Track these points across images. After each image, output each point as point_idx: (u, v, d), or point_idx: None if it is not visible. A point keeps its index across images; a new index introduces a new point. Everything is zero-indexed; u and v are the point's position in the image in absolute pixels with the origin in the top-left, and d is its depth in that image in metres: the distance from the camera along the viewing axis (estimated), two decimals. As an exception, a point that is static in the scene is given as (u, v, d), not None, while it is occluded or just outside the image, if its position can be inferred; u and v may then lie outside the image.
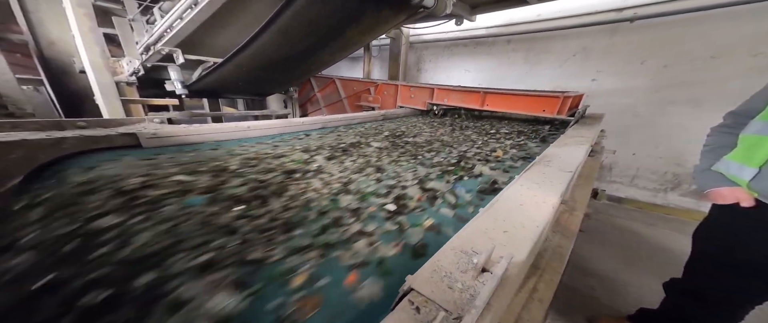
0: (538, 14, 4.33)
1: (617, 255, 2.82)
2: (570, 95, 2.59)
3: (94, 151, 1.27)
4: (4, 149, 1.03)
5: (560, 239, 1.43)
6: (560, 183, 1.01)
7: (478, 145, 2.12)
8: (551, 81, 4.44)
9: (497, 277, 0.48)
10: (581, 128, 2.19)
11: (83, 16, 2.53)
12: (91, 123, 1.37)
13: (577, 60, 4.16)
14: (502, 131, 2.57)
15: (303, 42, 2.52)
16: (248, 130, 1.94)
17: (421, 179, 1.37)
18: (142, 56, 2.98)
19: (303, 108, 5.54)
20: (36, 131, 1.19)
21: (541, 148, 2.10)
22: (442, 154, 1.86)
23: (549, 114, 2.58)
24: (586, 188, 2.24)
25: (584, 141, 1.73)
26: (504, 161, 1.76)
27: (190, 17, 2.38)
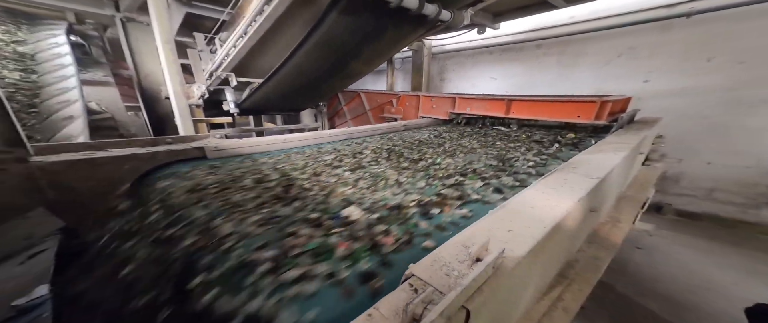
0: (571, 16, 4.13)
1: (685, 276, 2.46)
2: (610, 98, 2.41)
3: (176, 161, 1.61)
4: (120, 162, 1.39)
5: (597, 251, 1.37)
6: (580, 189, 0.99)
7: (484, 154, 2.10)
8: (592, 84, 4.13)
9: (485, 264, 0.54)
10: (625, 134, 2.03)
11: (169, 51, 3.15)
12: (175, 140, 1.75)
13: (623, 61, 3.82)
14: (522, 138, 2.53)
15: (330, 59, 2.80)
16: (285, 142, 2.25)
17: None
18: (207, 81, 3.56)
19: (331, 121, 5.92)
20: (139, 147, 1.57)
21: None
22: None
23: (584, 120, 2.42)
24: (636, 200, 2.06)
25: (623, 148, 1.62)
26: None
27: (241, 45, 2.81)
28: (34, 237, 1.25)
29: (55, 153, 1.40)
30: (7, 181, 1.27)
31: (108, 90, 4.42)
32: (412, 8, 2.09)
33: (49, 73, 3.66)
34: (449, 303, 0.47)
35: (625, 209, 1.86)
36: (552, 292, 1.05)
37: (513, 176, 1.53)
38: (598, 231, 1.54)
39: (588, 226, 1.26)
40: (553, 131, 2.72)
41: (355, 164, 1.77)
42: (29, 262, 1.15)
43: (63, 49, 4.05)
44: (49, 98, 3.33)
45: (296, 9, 2.28)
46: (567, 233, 0.97)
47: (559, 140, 2.31)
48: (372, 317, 0.50)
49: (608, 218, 1.70)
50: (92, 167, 1.44)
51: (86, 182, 1.43)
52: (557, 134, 2.56)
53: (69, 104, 3.30)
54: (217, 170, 1.56)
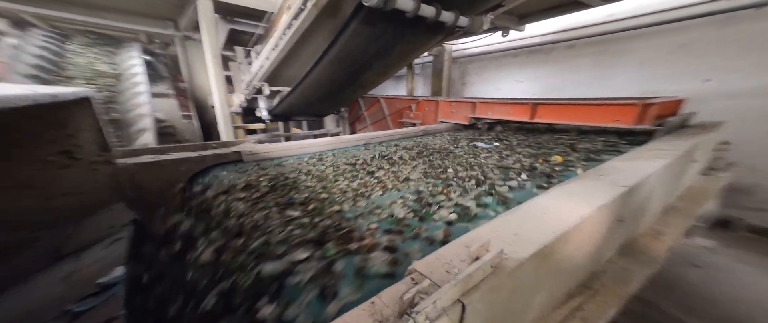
0: (610, 15, 3.83)
1: (749, 300, 2.13)
2: (656, 100, 2.20)
3: (219, 164, 1.85)
4: (178, 164, 1.66)
5: (629, 264, 1.29)
6: (602, 197, 0.96)
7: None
8: (637, 85, 3.76)
9: (482, 262, 0.58)
10: (672, 140, 1.86)
11: (215, 65, 3.59)
12: (219, 145, 2.02)
13: (675, 59, 3.44)
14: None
15: (350, 67, 2.94)
16: (309, 147, 2.45)
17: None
18: (245, 91, 3.95)
19: (352, 126, 6.11)
20: (192, 151, 1.84)
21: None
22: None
23: (623, 124, 2.23)
24: (688, 212, 1.87)
25: (666, 154, 1.49)
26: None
27: (273, 56, 3.09)
28: (115, 227, 1.53)
29: (132, 157, 1.70)
30: (99, 180, 1.57)
31: (169, 101, 5.12)
32: (429, 17, 2.14)
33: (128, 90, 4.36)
34: (443, 294, 0.53)
35: (672, 222, 1.69)
36: (571, 301, 1.02)
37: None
38: (634, 243, 1.44)
39: (617, 236, 1.19)
40: (589, 137, 2.55)
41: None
42: (111, 247, 1.41)
43: (138, 68, 4.80)
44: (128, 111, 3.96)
45: (320, 22, 2.47)
46: (585, 241, 0.95)
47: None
48: (375, 304, 0.57)
49: (648, 230, 1.57)
50: (158, 169, 1.72)
51: (153, 181, 1.71)
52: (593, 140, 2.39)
53: (143, 117, 3.90)
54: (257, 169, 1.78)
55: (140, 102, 4.10)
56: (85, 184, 1.58)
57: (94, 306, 0.99)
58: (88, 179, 1.59)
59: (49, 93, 1.19)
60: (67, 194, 1.53)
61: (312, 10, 2.28)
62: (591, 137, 2.48)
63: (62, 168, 1.52)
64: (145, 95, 4.24)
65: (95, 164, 1.61)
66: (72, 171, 1.53)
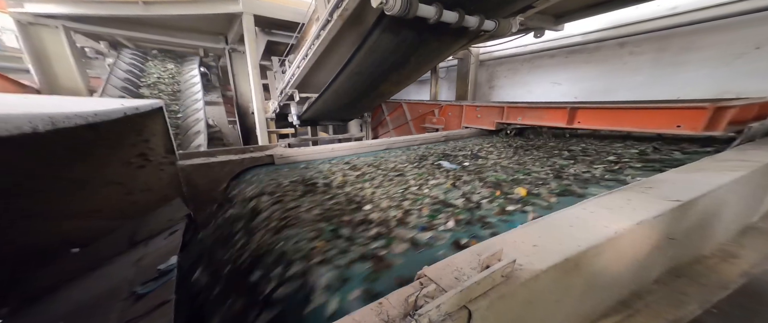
0: (672, 7, 3.35)
1: None
2: (733, 103, 1.88)
3: (255, 167, 2.05)
4: (222, 166, 1.88)
5: (685, 286, 1.14)
6: (645, 211, 0.87)
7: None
8: (712, 86, 3.22)
9: (491, 270, 0.57)
10: (752, 150, 1.58)
11: (255, 74, 3.97)
12: (255, 149, 2.23)
13: (762, 55, 2.89)
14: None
15: (374, 74, 3.00)
16: (332, 151, 2.56)
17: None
18: (279, 98, 4.28)
19: (375, 131, 6.15)
20: (233, 155, 2.06)
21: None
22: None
23: (687, 131, 1.92)
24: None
25: (740, 166, 1.28)
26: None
27: (303, 65, 3.31)
28: (173, 220, 1.77)
29: (188, 159, 1.96)
30: (164, 179, 1.84)
31: (218, 109, 5.77)
32: (452, 22, 2.11)
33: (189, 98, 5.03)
34: (447, 299, 0.53)
35: (751, 244, 1.43)
36: (605, 320, 0.92)
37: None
38: (695, 264, 1.25)
39: (667, 256, 1.05)
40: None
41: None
42: (169, 238, 1.64)
43: (196, 79, 5.52)
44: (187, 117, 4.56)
45: (345, 32, 2.58)
46: (622, 257, 0.86)
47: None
48: (382, 305, 0.59)
49: (716, 251, 1.35)
50: (207, 170, 1.96)
51: (203, 181, 1.95)
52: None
53: (198, 121, 4.45)
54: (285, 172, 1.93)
55: (197, 109, 4.70)
56: (154, 182, 1.86)
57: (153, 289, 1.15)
58: (156, 178, 1.88)
59: (133, 105, 1.44)
60: (142, 190, 1.82)
61: (337, 21, 2.41)
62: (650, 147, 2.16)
63: (139, 168, 1.81)
64: (201, 102, 4.84)
65: (162, 165, 1.89)
66: (146, 171, 1.82)
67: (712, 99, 2.07)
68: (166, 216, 1.79)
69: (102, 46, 5.79)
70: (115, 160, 1.70)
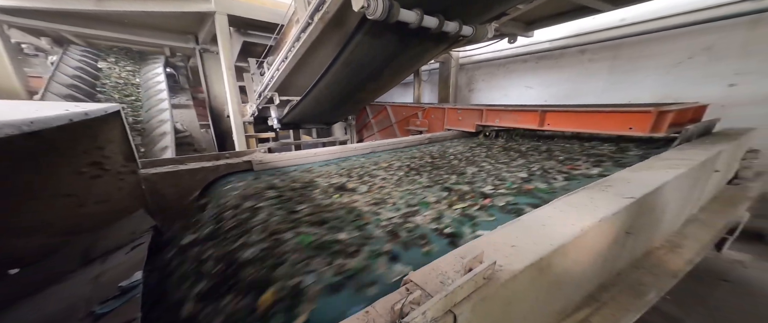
0: (622, 18, 3.74)
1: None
2: (672, 107, 2.13)
3: (231, 173, 1.95)
4: (194, 173, 1.76)
5: (643, 276, 1.25)
6: (606, 209, 0.95)
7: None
8: (658, 91, 3.62)
9: (473, 273, 0.60)
10: (690, 149, 1.79)
11: (230, 76, 3.78)
12: (231, 155, 2.11)
13: (697, 63, 3.30)
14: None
15: (357, 77, 3.02)
16: (315, 156, 2.51)
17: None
18: (257, 101, 4.12)
19: (359, 134, 6.15)
20: (207, 161, 1.94)
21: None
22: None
23: (638, 132, 2.16)
24: (711, 224, 1.79)
25: (682, 164, 1.44)
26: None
27: (283, 67, 3.22)
28: (136, 233, 1.63)
29: (153, 167, 1.81)
30: (124, 188, 1.69)
31: (188, 112, 5.40)
32: (432, 27, 2.19)
33: (152, 98, 4.66)
34: (432, 305, 0.54)
35: (692, 234, 1.63)
36: (577, 314, 1.00)
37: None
38: (649, 256, 1.39)
39: (625, 249, 1.16)
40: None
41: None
42: (132, 252, 1.51)
43: (160, 79, 5.12)
44: (150, 120, 4.22)
45: (327, 34, 2.56)
46: (588, 253, 0.93)
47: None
48: (368, 313, 0.59)
49: (665, 243, 1.51)
50: (176, 178, 1.83)
51: (171, 190, 1.82)
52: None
53: (163, 124, 4.14)
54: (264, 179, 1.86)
55: (162, 111, 4.36)
56: (112, 193, 1.71)
57: (114, 308, 1.06)
58: (114, 188, 1.72)
59: (82, 111, 1.31)
60: (96, 202, 1.65)
61: (318, 24, 2.38)
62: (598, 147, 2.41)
63: (93, 178, 1.65)
64: (166, 105, 4.50)
65: (122, 174, 1.74)
66: (102, 181, 1.66)
67: (655, 104, 2.32)
68: (127, 229, 1.65)
69: (43, 42, 5.17)
70: (65, 170, 1.53)
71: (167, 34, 5.60)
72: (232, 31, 4.46)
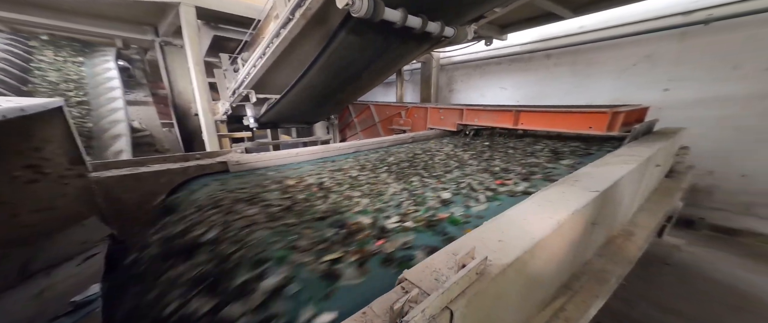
0: (581, 26, 4.11)
1: (719, 294, 2.31)
2: (622, 109, 2.38)
3: (203, 175, 1.80)
4: (158, 176, 1.60)
5: (606, 264, 1.37)
6: (576, 202, 1.03)
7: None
8: (610, 94, 4.04)
9: (467, 269, 0.61)
10: (638, 146, 2.00)
11: (198, 72, 3.50)
12: (202, 155, 1.95)
13: (640, 70, 3.73)
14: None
15: (340, 75, 2.98)
16: (297, 156, 2.44)
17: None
18: (231, 98, 3.87)
19: (342, 133, 6.09)
20: (173, 162, 1.78)
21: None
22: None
23: (596, 131, 2.39)
24: (655, 213, 2.01)
25: (632, 160, 1.61)
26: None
27: (260, 64, 3.07)
28: (88, 243, 1.45)
29: (107, 169, 1.62)
30: (69, 194, 1.49)
31: (147, 109, 4.90)
32: (416, 27, 2.22)
33: (102, 96, 4.15)
34: (431, 302, 0.55)
35: (641, 223, 1.82)
36: (554, 303, 1.07)
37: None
38: (610, 244, 1.53)
39: (593, 239, 1.27)
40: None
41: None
42: (84, 264, 1.34)
43: (112, 73, 4.58)
44: (101, 119, 3.77)
45: (309, 31, 2.48)
46: (563, 245, 1.01)
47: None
48: (366, 314, 0.59)
49: (621, 232, 1.68)
50: (136, 181, 1.66)
51: (131, 195, 1.64)
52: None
53: (116, 124, 3.72)
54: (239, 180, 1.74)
55: (114, 109, 3.91)
56: (54, 199, 1.50)
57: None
58: (58, 194, 1.51)
59: (16, 107, 1.13)
60: (35, 210, 1.44)
61: (300, 20, 2.30)
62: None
63: (29, 183, 1.43)
64: (120, 101, 4.04)
65: (66, 178, 1.53)
66: (40, 186, 1.45)
67: (609, 105, 2.57)
68: (77, 239, 1.47)
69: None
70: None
71: (118, 24, 5.00)
72: (200, 25, 4.12)
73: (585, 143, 2.66)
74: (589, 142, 2.60)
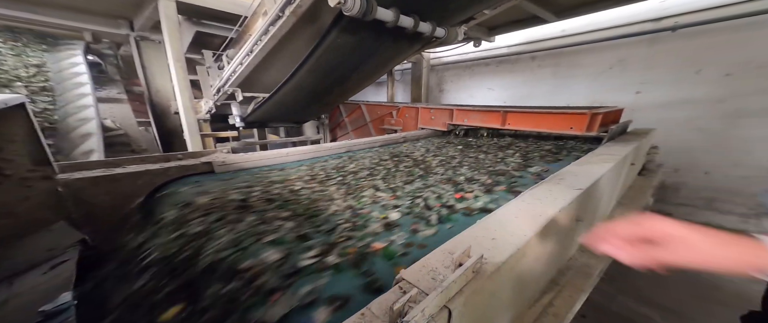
0: (563, 30, 4.29)
1: (687, 285, 2.47)
2: (601, 110, 2.50)
3: (186, 176, 1.72)
4: (135, 177, 1.50)
5: (588, 259, 1.43)
6: (562, 200, 1.07)
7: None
8: (588, 96, 4.23)
9: (464, 268, 0.62)
10: (614, 146, 2.11)
11: (179, 68, 3.33)
12: (185, 155, 1.86)
13: (615, 73, 3.94)
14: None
15: (331, 74, 2.94)
16: (287, 156, 2.37)
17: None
18: (215, 97, 3.72)
19: (333, 133, 6.00)
20: (153, 163, 1.68)
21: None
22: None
23: (577, 131, 2.50)
24: (631, 209, 2.12)
25: (611, 159, 1.69)
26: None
27: (247, 62, 2.97)
28: (56, 249, 1.34)
29: (78, 171, 1.51)
30: (34, 197, 1.37)
31: (121, 107, 4.61)
32: (408, 27, 2.23)
33: (69, 92, 3.86)
34: (430, 302, 0.55)
35: (619, 217, 1.92)
36: (543, 298, 1.11)
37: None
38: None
39: (575, 235, 1.32)
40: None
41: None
42: (52, 272, 1.24)
43: (81, 68, 4.27)
44: (68, 116, 3.50)
45: (299, 29, 2.42)
46: (551, 241, 1.04)
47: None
48: (365, 316, 0.58)
49: (601, 228, 1.77)
50: (111, 183, 1.55)
51: (105, 197, 1.54)
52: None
53: (86, 122, 3.47)
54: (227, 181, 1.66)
55: (83, 106, 3.64)
56: (14, 203, 1.38)
57: (39, 336, 0.87)
58: (20, 197, 1.39)
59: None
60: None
61: (290, 18, 2.24)
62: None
63: (-13, 186, 1.31)
64: (90, 98, 3.77)
65: (29, 181, 1.41)
66: (0, 189, 1.33)
67: (588, 106, 2.70)
68: (43, 246, 1.36)
69: None
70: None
71: (87, 17, 4.67)
72: (181, 20, 3.91)
73: (563, 142, 2.79)
74: (561, 144, 2.72)
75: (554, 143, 2.81)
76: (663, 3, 3.40)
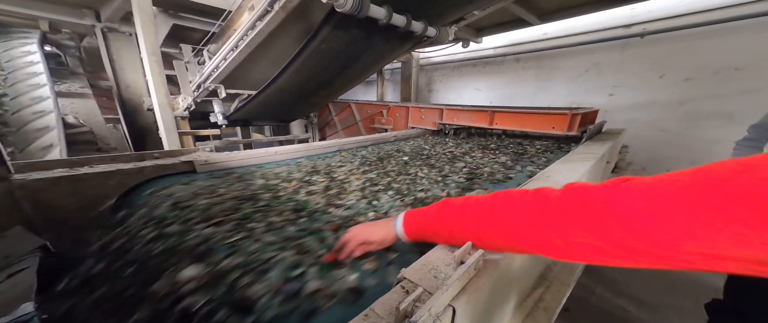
0: (544, 33, 4.47)
1: (657, 278, 2.66)
2: (580, 111, 2.63)
3: (164, 176, 1.60)
4: (105, 177, 1.37)
5: None
6: (552, 196, 1.10)
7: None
8: (567, 97, 4.45)
9: (467, 266, 0.62)
10: (593, 145, 2.22)
11: (154, 63, 3.10)
12: (162, 154, 1.73)
13: (591, 76, 4.16)
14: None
15: (321, 72, 2.88)
16: (276, 154, 2.28)
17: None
18: (194, 93, 3.52)
19: (322, 132, 5.92)
20: (125, 162, 1.55)
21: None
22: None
23: (559, 131, 2.62)
24: None
25: (590, 157, 1.78)
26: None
27: (232, 58, 2.83)
28: (11, 256, 1.20)
29: (37, 170, 1.36)
30: (-17, 200, 1.23)
31: (85, 102, 4.25)
32: (401, 25, 2.22)
33: (21, 82, 3.50)
34: (437, 301, 0.54)
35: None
36: (534, 293, 1.14)
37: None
38: (572, 235, 1.68)
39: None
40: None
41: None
42: (9, 281, 1.11)
43: (35, 57, 3.89)
44: (21, 109, 3.18)
45: (289, 24, 2.35)
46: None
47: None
48: (368, 317, 0.56)
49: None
50: (75, 184, 1.42)
51: (68, 199, 1.40)
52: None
53: (43, 115, 3.16)
54: (211, 181, 1.56)
55: (38, 98, 3.31)
56: (-38, 207, 1.22)
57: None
58: (-34, 201, 1.24)
59: None
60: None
61: (279, 12, 2.15)
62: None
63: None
64: (46, 89, 3.43)
65: (-22, 182, 1.26)
66: (-58, 192, 1.17)
67: (568, 108, 2.82)
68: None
69: None
70: None
71: (43, 5, 4.24)
72: (157, 12, 3.64)
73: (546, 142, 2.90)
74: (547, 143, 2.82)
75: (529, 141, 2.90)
76: (633, 10, 3.62)
